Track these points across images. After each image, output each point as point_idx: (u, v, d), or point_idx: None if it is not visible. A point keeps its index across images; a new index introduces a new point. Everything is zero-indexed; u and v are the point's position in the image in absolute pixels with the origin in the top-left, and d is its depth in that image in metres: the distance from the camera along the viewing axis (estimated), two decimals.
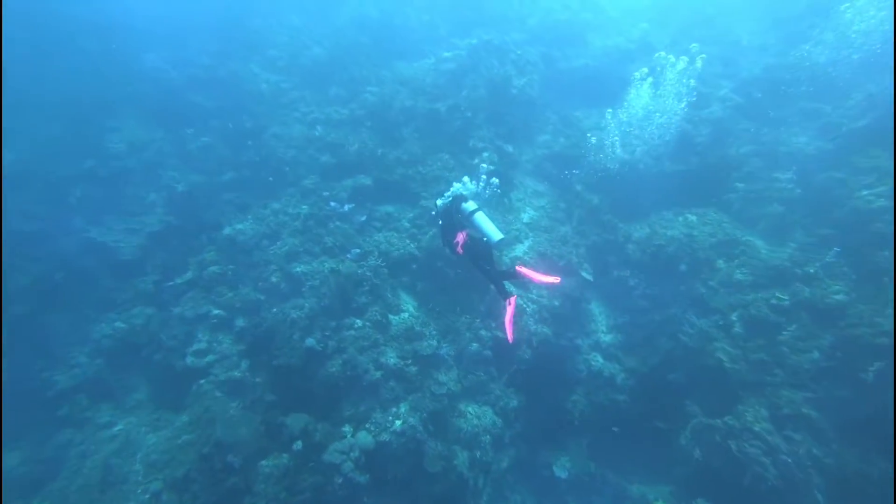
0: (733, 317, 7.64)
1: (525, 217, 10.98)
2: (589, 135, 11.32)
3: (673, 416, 7.60)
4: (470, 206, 5.87)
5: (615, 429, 8.03)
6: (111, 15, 15.59)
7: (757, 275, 7.95)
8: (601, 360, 8.93)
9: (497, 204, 10.79)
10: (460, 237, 5.74)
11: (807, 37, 11.02)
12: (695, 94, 10.65)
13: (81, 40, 14.91)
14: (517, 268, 5.55)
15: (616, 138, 10.85)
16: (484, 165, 10.35)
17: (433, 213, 6.63)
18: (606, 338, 9.26)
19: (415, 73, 13.66)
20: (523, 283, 9.45)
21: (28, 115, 12.80)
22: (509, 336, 5.50)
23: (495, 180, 8.29)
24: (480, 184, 8.32)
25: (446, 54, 13.26)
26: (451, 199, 6.21)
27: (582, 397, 8.49)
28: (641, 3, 17.00)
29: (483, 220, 5.70)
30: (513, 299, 5.53)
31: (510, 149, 11.65)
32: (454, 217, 5.97)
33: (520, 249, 10.18)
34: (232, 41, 15.54)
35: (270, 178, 10.87)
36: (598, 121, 12.36)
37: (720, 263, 8.39)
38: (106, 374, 7.60)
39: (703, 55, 10.62)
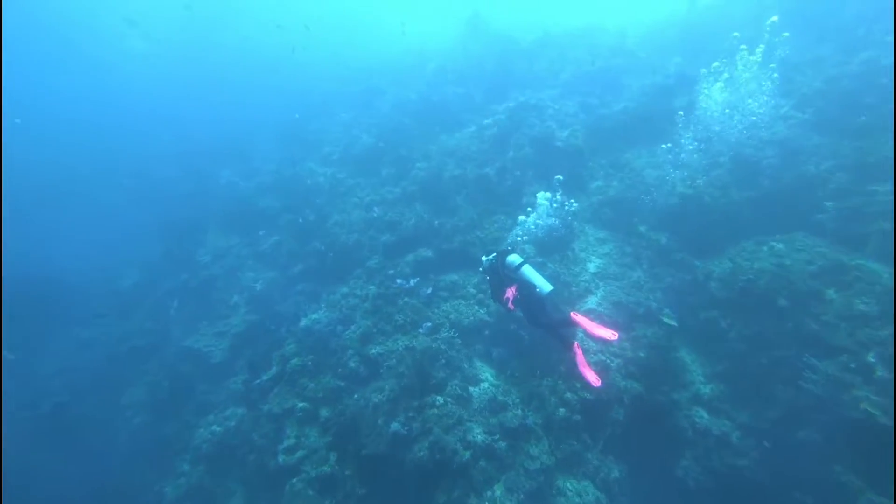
0: (870, 357, 6.62)
1: (591, 267, 10.72)
2: (644, 174, 11.14)
3: (823, 488, 6.43)
4: (515, 259, 5.77)
5: None
6: (197, 141, 18.35)
7: (884, 303, 6.96)
8: (706, 415, 8.04)
9: (561, 256, 10.69)
10: (510, 292, 5.61)
11: (867, 43, 10.47)
12: (752, 116, 10.27)
13: (171, 169, 17.56)
14: (571, 315, 5.28)
15: (673, 173, 10.57)
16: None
17: (480, 269, 6.54)
18: (706, 389, 8.39)
19: (459, 143, 14.42)
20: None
21: (139, 242, 14.96)
22: (591, 381, 5.19)
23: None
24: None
25: (487, 121, 13.96)
26: (495, 255, 6.08)
27: (693, 462, 7.58)
28: (669, 40, 17.20)
29: (531, 273, 5.59)
30: (576, 346, 5.28)
31: (564, 200, 11.66)
32: (501, 272, 5.86)
33: (592, 301, 9.84)
34: (292, 145, 17.53)
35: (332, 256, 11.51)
36: (649, 159, 12.19)
37: (831, 294, 7.47)
38: (207, 481, 7.98)
39: (751, 77, 10.36)
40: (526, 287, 5.57)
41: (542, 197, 10.52)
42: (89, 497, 8.95)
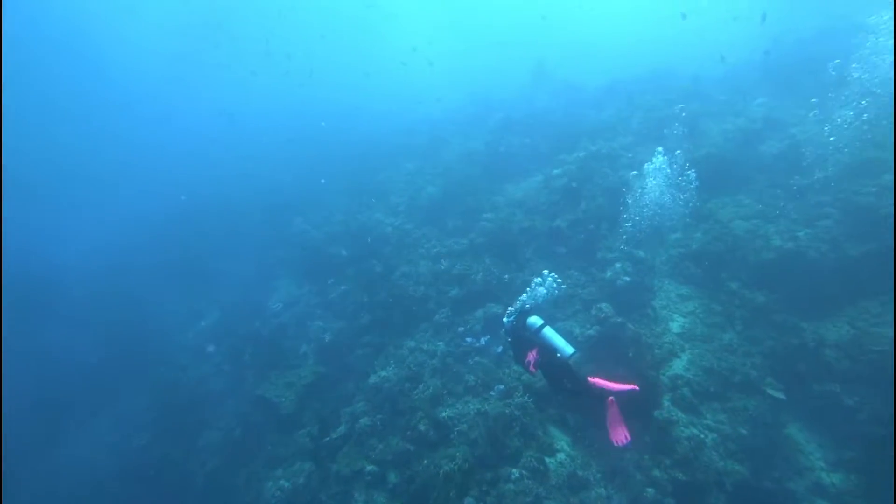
0: None
1: (675, 326, 10.11)
2: (732, 225, 10.53)
3: None
4: (536, 321, 5.67)
5: None
6: (280, 194, 20.14)
7: None
8: None
9: (640, 315, 10.19)
10: (531, 356, 5.47)
11: None
12: (868, 159, 9.51)
13: (255, 216, 19.29)
14: (589, 379, 5.07)
15: (769, 226, 9.90)
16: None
17: (502, 331, 6.40)
18: (832, 479, 7.35)
19: (526, 193, 14.58)
20: (693, 408, 8.39)
21: (221, 285, 16.36)
22: (618, 440, 4.87)
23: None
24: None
25: (556, 171, 14.04)
26: (515, 315, 6.01)
27: None
28: (749, 80, 16.65)
29: (552, 335, 5.49)
30: (610, 401, 4.94)
31: (642, 254, 11.26)
32: (522, 334, 5.76)
33: (678, 366, 9.21)
34: (360, 195, 18.57)
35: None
36: (735, 209, 11.54)
37: None
38: None
39: (866, 115, 9.66)
40: (547, 350, 5.44)
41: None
42: None
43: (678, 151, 11.56)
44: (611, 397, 4.98)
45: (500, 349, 10.01)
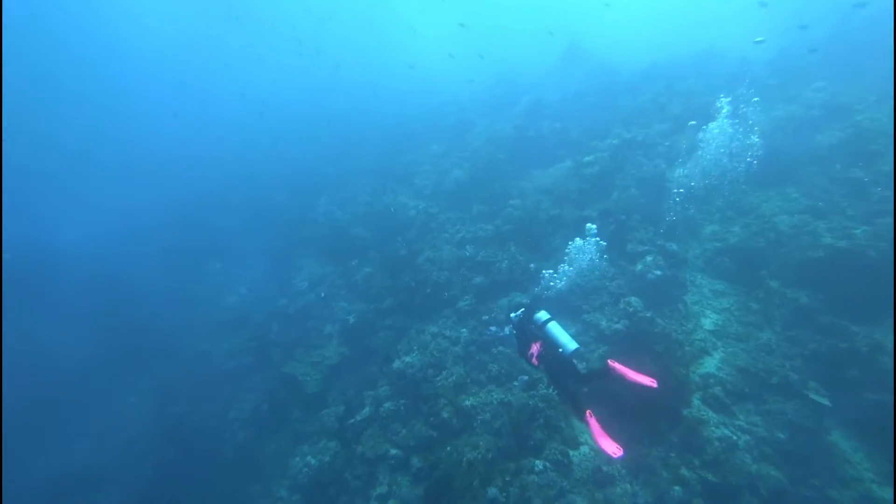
0: None
1: (707, 323, 9.76)
2: (776, 220, 10.01)
3: None
4: (542, 316, 5.85)
5: None
6: (304, 176, 20.24)
7: None
8: None
9: (670, 310, 9.87)
10: (534, 348, 5.70)
11: None
12: None
13: (280, 196, 19.45)
14: (609, 362, 5.18)
15: (819, 222, 9.36)
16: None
17: (510, 326, 6.64)
18: (883, 493, 7.01)
19: (555, 180, 14.18)
20: (725, 408, 8.12)
21: (246, 262, 16.65)
22: (610, 452, 4.71)
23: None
24: None
25: (587, 158, 13.58)
26: (523, 310, 6.24)
27: None
28: (806, 63, 15.61)
29: (556, 330, 5.65)
30: (588, 414, 4.94)
31: (674, 247, 10.85)
32: (527, 329, 5.99)
33: (710, 364, 8.91)
34: (385, 177, 18.46)
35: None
36: (782, 203, 10.96)
37: None
38: None
39: None
40: (551, 344, 5.62)
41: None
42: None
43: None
44: (588, 411, 4.99)
45: None
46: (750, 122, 10.96)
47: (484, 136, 18.64)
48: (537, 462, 7.29)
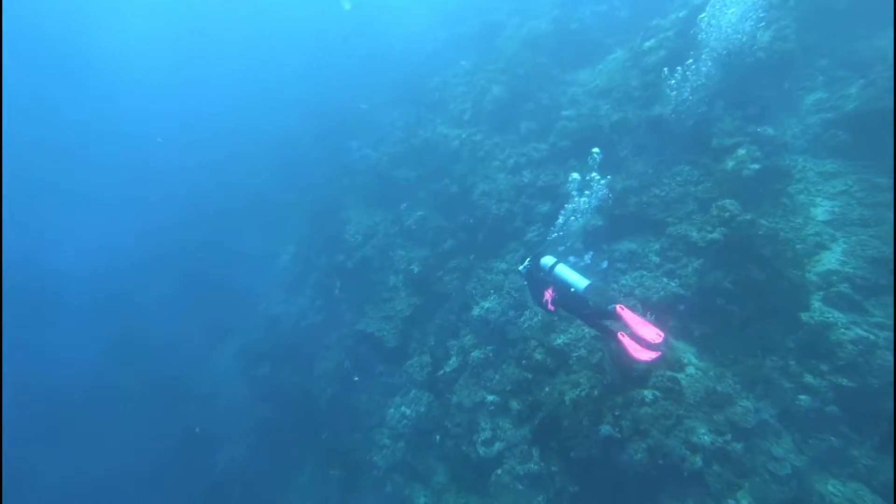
0: None
1: (820, 213, 8.69)
2: None
3: None
4: (549, 261, 5.97)
5: None
6: (326, 116, 19.45)
7: None
8: None
9: (772, 205, 8.94)
10: (547, 294, 5.81)
11: None
12: None
13: (307, 148, 18.95)
14: (617, 307, 4.98)
15: None
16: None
17: (521, 277, 6.83)
18: None
19: (611, 79, 12.72)
20: (855, 305, 7.45)
21: (290, 220, 16.78)
22: (648, 359, 4.74)
23: None
24: None
25: (647, 43, 11.93)
26: (530, 258, 6.35)
27: None
28: None
29: (565, 272, 5.74)
30: (620, 335, 4.88)
31: (770, 131, 9.59)
32: (538, 276, 6.09)
33: (830, 259, 8.02)
34: (416, 107, 17.32)
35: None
36: None
37: None
38: (409, 457, 8.92)
39: None
40: (563, 287, 5.68)
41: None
42: (310, 452, 10.86)
43: None
44: (620, 333, 4.94)
45: (605, 265, 9.45)
46: None
47: (517, 38, 16.65)
48: (646, 392, 7.18)
